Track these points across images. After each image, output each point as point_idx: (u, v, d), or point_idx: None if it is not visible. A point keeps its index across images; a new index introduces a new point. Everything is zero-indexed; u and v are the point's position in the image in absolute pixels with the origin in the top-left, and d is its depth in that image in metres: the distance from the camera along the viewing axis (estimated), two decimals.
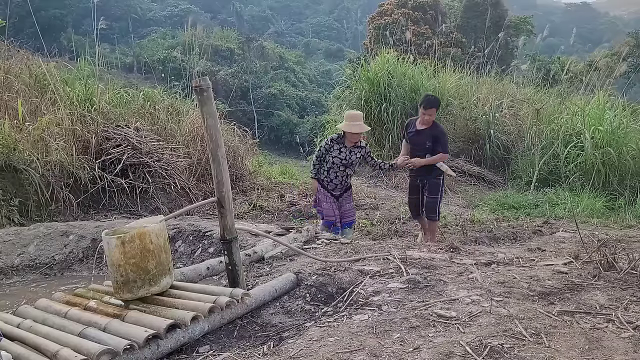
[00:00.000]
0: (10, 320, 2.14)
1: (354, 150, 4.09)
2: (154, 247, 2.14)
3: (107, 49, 19.91)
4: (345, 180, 4.16)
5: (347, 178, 4.17)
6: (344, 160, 4.06)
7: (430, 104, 4.08)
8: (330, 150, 4.09)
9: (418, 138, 4.13)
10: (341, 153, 4.06)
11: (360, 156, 4.13)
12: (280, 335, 2.07)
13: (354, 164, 4.14)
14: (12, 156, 4.23)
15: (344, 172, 4.11)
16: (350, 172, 4.17)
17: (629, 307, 2.00)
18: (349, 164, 4.09)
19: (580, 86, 7.71)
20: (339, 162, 4.06)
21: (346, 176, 4.14)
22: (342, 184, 4.14)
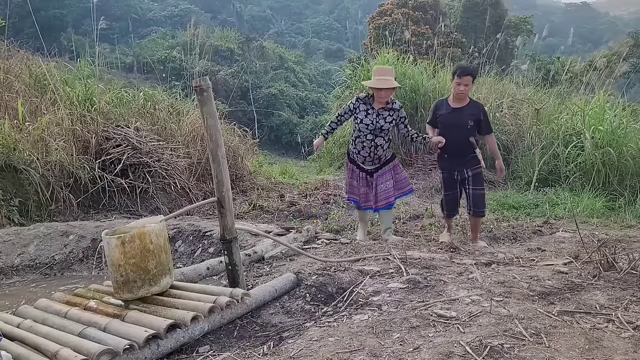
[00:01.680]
0: (10, 320, 2.14)
1: (383, 113, 3.40)
2: (154, 247, 2.14)
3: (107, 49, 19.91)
4: (376, 153, 3.44)
5: (377, 149, 3.44)
6: (371, 126, 3.38)
7: (465, 71, 3.45)
8: (356, 112, 3.43)
9: (455, 118, 3.45)
10: (367, 116, 3.38)
11: (392, 121, 3.41)
12: (280, 335, 2.07)
13: (384, 131, 3.42)
14: (12, 156, 4.23)
15: (373, 142, 3.41)
16: (381, 143, 3.44)
17: (629, 307, 2.00)
18: (377, 130, 3.39)
19: (580, 86, 7.71)
20: (365, 129, 3.39)
21: (375, 147, 3.43)
22: (372, 157, 3.45)
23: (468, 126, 3.44)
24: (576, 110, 6.27)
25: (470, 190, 3.55)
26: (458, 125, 3.44)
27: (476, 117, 3.47)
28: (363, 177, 3.54)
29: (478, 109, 3.53)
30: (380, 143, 3.44)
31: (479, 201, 3.53)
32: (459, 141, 3.44)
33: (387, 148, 3.54)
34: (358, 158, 3.50)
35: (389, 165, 3.55)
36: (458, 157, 3.49)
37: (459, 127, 3.44)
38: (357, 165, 3.55)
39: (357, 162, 3.53)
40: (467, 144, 3.46)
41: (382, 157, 3.51)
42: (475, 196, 3.53)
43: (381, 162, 3.53)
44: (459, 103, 3.51)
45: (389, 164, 3.56)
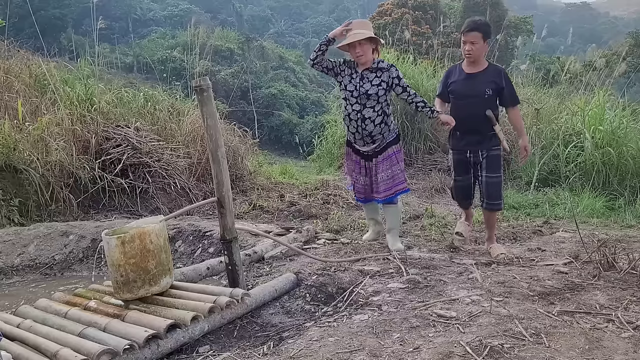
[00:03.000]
0: (10, 320, 2.14)
1: (368, 76, 2.86)
2: (154, 247, 2.14)
3: (107, 49, 19.91)
4: (365, 128, 2.89)
5: (367, 124, 2.88)
6: (355, 92, 2.85)
7: (470, 26, 2.85)
8: (342, 76, 2.92)
9: (469, 86, 2.90)
10: (351, 81, 2.88)
11: (380, 84, 2.84)
12: (280, 335, 2.07)
13: (372, 97, 2.86)
14: (12, 156, 4.23)
15: (360, 115, 2.87)
16: (370, 115, 2.87)
17: (629, 307, 2.00)
18: (363, 97, 2.84)
19: (580, 86, 7.70)
20: (350, 97, 2.89)
21: (363, 120, 2.87)
22: (361, 134, 2.91)
23: (485, 95, 2.87)
24: (576, 110, 6.27)
25: (484, 178, 2.97)
26: (473, 95, 2.88)
27: (496, 84, 2.88)
28: (358, 162, 3.07)
29: (499, 75, 2.92)
30: (369, 115, 2.87)
31: (494, 191, 2.95)
32: (474, 115, 2.87)
33: (380, 123, 2.91)
34: (350, 137, 3.04)
35: (391, 148, 3.00)
36: (472, 134, 2.93)
37: (473, 96, 2.88)
38: (352, 148, 3.08)
39: (352, 144, 3.07)
40: (483, 119, 2.88)
41: (376, 134, 2.93)
42: (489, 185, 2.95)
43: (376, 141, 2.94)
44: (474, 67, 2.93)
45: (391, 147, 2.99)
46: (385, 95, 2.93)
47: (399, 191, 3.07)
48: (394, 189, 3.04)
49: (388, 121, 3.00)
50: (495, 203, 3.03)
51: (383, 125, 2.97)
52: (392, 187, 3.03)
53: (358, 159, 3.10)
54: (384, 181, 3.01)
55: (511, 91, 3.00)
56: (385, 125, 2.98)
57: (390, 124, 3.04)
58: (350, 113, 2.95)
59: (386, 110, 2.98)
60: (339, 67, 2.97)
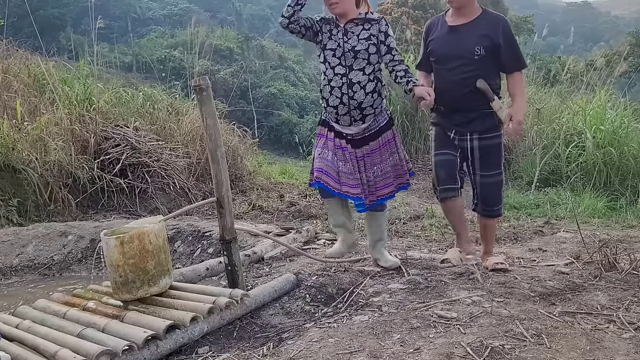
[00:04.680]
0: (8, 321, 2.13)
1: (354, 29, 2.28)
2: (153, 247, 2.13)
3: (106, 49, 19.88)
4: (353, 97, 2.26)
5: (355, 92, 2.26)
6: (339, 51, 2.26)
7: None
8: (320, 35, 2.34)
9: (454, 43, 2.21)
10: (332, 38, 2.29)
11: (369, 37, 2.26)
12: (280, 336, 2.06)
13: (360, 55, 2.25)
14: (10, 156, 4.22)
15: (346, 79, 2.25)
16: (360, 79, 2.26)
17: (631, 307, 1.99)
18: (350, 56, 2.25)
19: (581, 86, 7.70)
20: (332, 58, 2.28)
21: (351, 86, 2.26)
22: (348, 106, 2.27)
23: (475, 55, 2.15)
24: (577, 110, 6.26)
25: (478, 177, 2.33)
26: (458, 56, 2.20)
27: (491, 40, 2.14)
28: (339, 147, 2.35)
29: (495, 27, 2.17)
30: (358, 79, 2.23)
31: (492, 194, 2.32)
32: (461, 84, 2.19)
33: (373, 92, 2.27)
34: (330, 114, 2.33)
35: (385, 135, 2.36)
36: (460, 112, 2.26)
37: (459, 58, 2.20)
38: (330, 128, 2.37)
39: (331, 123, 2.36)
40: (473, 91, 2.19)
41: (367, 108, 2.28)
42: (485, 187, 2.31)
43: (367, 119, 2.30)
44: (460, 17, 2.22)
45: (384, 133, 2.36)
46: (378, 54, 2.30)
47: (402, 185, 2.44)
48: (397, 182, 2.42)
49: (382, 93, 2.37)
50: (493, 209, 2.38)
51: (376, 96, 2.30)
52: (392, 182, 2.40)
53: (337, 140, 2.36)
54: (382, 175, 2.37)
55: (513, 50, 2.20)
56: (379, 97, 2.32)
57: (384, 99, 2.43)
58: (331, 79, 2.26)
59: (379, 77, 2.33)
60: (317, 23, 2.38)
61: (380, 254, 2.62)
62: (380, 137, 2.40)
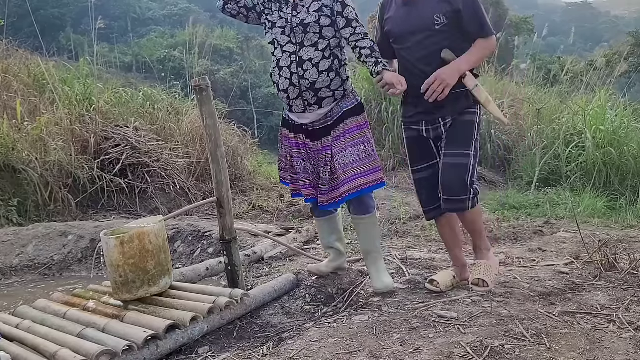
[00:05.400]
0: (9, 321, 2.14)
1: (304, 2, 2.02)
2: (153, 247, 2.13)
3: (106, 49, 19.88)
4: (304, 77, 2.00)
5: (306, 71, 2.00)
6: (288, 27, 2.00)
7: None
8: (269, 12, 2.07)
9: (411, 17, 1.99)
10: (281, 14, 2.04)
11: (320, 9, 1.99)
12: (280, 336, 2.06)
13: (311, 29, 1.98)
14: (10, 156, 4.22)
15: (296, 58, 1.99)
16: (312, 56, 2.00)
17: (630, 307, 1.99)
18: (299, 31, 1.98)
19: (581, 86, 7.70)
20: (281, 35, 2.03)
21: (301, 64, 1.99)
22: (299, 88, 2.01)
23: (436, 26, 1.92)
24: (577, 110, 6.26)
25: (442, 157, 2.02)
26: (417, 30, 1.96)
27: (450, 5, 1.93)
28: (297, 144, 2.12)
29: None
30: (309, 56, 1.97)
31: (449, 178, 1.96)
32: (425, 62, 1.96)
33: (329, 71, 2.01)
34: (284, 102, 2.10)
35: (352, 120, 2.06)
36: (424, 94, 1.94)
37: (419, 32, 1.96)
38: (289, 127, 2.15)
39: (289, 118, 2.14)
40: (439, 66, 1.94)
41: (324, 89, 2.01)
42: (445, 168, 1.98)
43: (324, 104, 2.03)
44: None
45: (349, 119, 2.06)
46: (334, 27, 2.01)
47: (372, 184, 2.06)
48: (364, 178, 2.04)
49: (342, 73, 2.07)
50: (454, 199, 1.95)
51: (334, 75, 2.02)
52: (358, 177, 2.03)
53: (298, 140, 2.12)
54: (345, 167, 2.03)
55: (475, 14, 1.94)
56: (337, 77, 2.04)
57: (347, 81, 2.11)
58: (280, 59, 2.00)
59: (338, 55, 2.05)
60: (262, 4, 2.09)
61: (371, 270, 2.20)
62: (343, 122, 2.08)
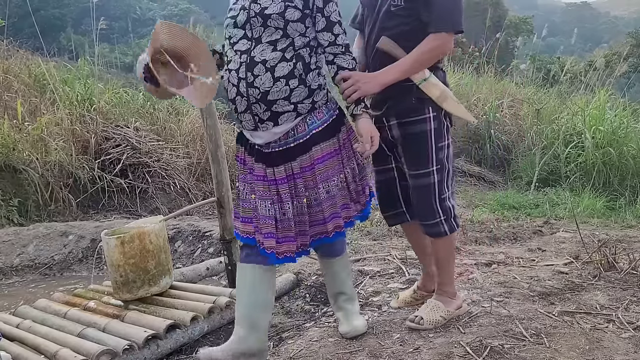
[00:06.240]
0: (9, 321, 2.14)
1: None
2: (153, 247, 2.13)
3: (107, 49, 19.87)
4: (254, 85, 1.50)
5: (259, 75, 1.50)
6: (241, 16, 1.54)
7: None
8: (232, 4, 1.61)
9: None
10: (237, 3, 1.58)
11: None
12: (280, 335, 2.06)
13: (272, 22, 1.50)
14: (11, 156, 4.23)
15: (246, 57, 1.51)
16: (268, 57, 1.50)
17: (630, 307, 2.00)
18: (254, 22, 1.51)
19: (581, 86, 7.71)
20: (233, 29, 1.56)
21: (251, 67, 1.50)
22: (250, 99, 1.52)
23: (392, 7, 1.63)
24: (576, 110, 6.27)
25: (408, 177, 1.75)
26: (376, 6, 1.70)
27: None
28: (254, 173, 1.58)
29: None
30: (263, 57, 1.50)
31: (418, 201, 1.74)
32: (373, 45, 1.68)
33: (288, 78, 1.51)
34: (234, 116, 1.61)
35: (318, 148, 1.56)
36: (384, 90, 1.66)
37: (377, 10, 1.69)
38: (245, 146, 1.64)
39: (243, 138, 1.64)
40: (377, 57, 1.69)
41: (279, 101, 1.51)
42: (413, 190, 1.75)
43: (281, 119, 1.53)
44: None
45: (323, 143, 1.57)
46: (304, 25, 1.54)
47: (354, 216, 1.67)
48: (346, 212, 1.64)
49: (310, 80, 1.56)
50: (426, 224, 1.75)
51: (295, 83, 1.52)
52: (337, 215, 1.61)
53: (257, 167, 1.58)
54: (318, 206, 1.59)
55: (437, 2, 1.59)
56: (301, 85, 1.53)
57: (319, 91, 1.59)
58: (230, 61, 1.55)
59: (305, 57, 1.54)
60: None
61: (340, 314, 1.84)
62: (314, 148, 1.56)
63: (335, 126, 1.63)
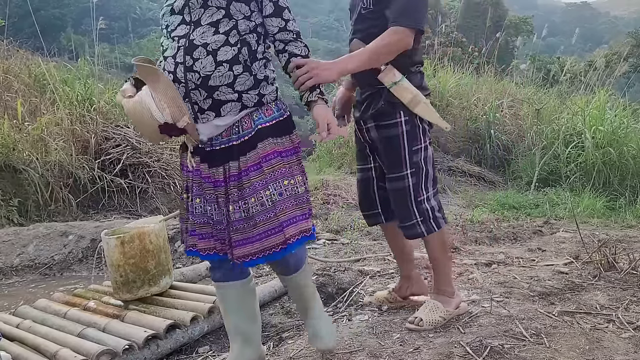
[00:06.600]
0: (9, 321, 2.14)
1: None
2: (153, 247, 2.14)
3: (107, 49, 19.88)
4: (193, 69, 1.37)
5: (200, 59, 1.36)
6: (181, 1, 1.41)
7: None
8: None
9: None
10: None
11: None
12: (280, 335, 2.07)
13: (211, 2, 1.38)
14: (11, 156, 4.23)
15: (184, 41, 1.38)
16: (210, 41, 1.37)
17: (630, 307, 2.00)
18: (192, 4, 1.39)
19: (581, 86, 7.71)
20: (170, 16, 1.44)
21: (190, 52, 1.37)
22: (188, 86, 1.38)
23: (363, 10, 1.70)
24: (577, 110, 6.28)
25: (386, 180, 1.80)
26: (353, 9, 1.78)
27: None
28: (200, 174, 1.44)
29: None
30: (204, 40, 1.37)
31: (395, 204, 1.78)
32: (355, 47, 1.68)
33: (232, 63, 1.39)
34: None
35: (265, 144, 1.42)
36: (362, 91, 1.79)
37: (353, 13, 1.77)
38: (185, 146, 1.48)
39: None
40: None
41: (222, 88, 1.39)
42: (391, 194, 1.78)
43: (224, 110, 1.40)
44: None
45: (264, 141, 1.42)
46: (250, 8, 1.41)
47: (298, 239, 1.43)
48: (287, 231, 1.40)
49: (256, 69, 1.43)
50: (404, 225, 1.77)
51: (240, 69, 1.40)
52: (280, 229, 1.40)
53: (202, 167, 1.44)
54: (260, 215, 1.39)
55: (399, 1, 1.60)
56: (246, 72, 1.41)
57: (267, 84, 1.47)
58: (167, 48, 1.43)
59: (251, 42, 1.42)
60: None
61: (309, 328, 1.70)
62: (260, 144, 1.41)
63: (287, 125, 1.52)
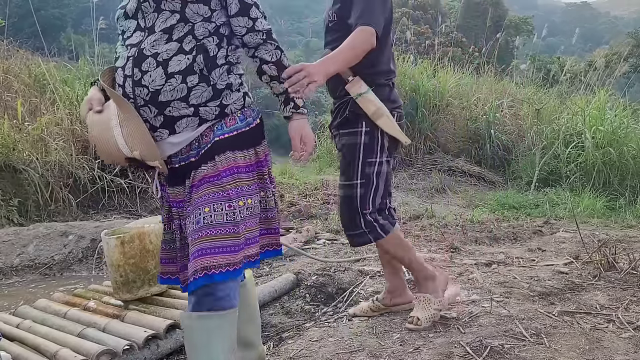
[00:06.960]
0: (9, 321, 2.14)
1: None
2: (153, 247, 2.13)
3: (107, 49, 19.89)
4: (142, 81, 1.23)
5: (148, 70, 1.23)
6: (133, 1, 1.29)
7: None
8: None
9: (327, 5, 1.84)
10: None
11: None
12: (280, 335, 2.07)
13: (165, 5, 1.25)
14: (11, 156, 4.23)
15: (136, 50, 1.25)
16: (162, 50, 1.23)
17: (630, 307, 2.00)
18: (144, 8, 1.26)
19: (581, 86, 7.72)
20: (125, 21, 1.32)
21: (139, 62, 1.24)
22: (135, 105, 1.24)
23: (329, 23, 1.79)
24: (577, 110, 6.28)
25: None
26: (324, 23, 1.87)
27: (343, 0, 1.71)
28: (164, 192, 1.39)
29: None
30: (155, 50, 1.25)
31: (343, 214, 1.82)
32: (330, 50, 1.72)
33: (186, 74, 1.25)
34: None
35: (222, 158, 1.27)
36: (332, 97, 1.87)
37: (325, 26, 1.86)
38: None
39: None
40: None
41: (175, 104, 1.25)
42: (340, 200, 1.85)
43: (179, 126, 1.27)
44: None
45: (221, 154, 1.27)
46: (208, 5, 1.28)
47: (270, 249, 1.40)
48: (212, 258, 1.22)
49: (216, 77, 1.30)
50: (348, 234, 1.81)
51: (195, 80, 1.27)
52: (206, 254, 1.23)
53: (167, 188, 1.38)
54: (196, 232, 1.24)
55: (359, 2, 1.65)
56: (202, 83, 1.28)
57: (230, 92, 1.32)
58: (120, 56, 1.32)
59: (209, 47, 1.29)
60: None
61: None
62: (214, 159, 1.27)
63: (253, 136, 1.35)
